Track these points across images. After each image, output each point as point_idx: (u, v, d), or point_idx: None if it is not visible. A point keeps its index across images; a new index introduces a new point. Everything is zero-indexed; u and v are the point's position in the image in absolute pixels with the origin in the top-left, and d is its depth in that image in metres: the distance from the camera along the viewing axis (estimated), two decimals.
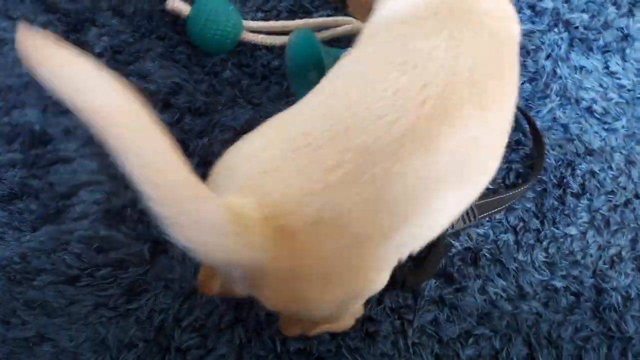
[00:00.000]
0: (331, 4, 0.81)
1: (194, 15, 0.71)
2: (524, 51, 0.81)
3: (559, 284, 0.68)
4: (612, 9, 0.85)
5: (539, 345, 0.65)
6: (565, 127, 0.77)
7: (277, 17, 0.79)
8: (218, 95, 0.74)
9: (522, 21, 0.82)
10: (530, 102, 0.78)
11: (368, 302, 0.64)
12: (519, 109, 0.75)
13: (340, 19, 0.77)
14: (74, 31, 0.74)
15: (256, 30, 0.76)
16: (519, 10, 0.83)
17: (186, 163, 0.35)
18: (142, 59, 0.74)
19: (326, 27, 0.77)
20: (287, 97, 0.75)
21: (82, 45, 0.73)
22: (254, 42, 0.76)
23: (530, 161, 0.75)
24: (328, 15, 0.79)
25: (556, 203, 0.73)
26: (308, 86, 0.73)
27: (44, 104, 0.70)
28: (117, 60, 0.73)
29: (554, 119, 0.77)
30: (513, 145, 0.75)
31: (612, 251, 0.71)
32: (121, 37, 0.75)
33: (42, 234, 0.65)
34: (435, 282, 0.67)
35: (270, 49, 0.77)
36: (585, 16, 0.84)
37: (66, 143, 0.69)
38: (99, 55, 0.73)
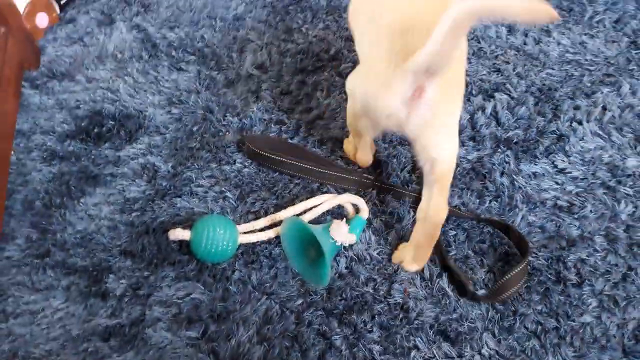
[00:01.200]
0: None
1: (195, 240, 0.82)
2: (481, 175, 0.92)
3: None
4: (539, 119, 0.99)
5: None
6: (542, 227, 0.86)
7: (266, 213, 0.90)
8: (234, 296, 0.81)
9: (468, 152, 0.95)
10: (502, 216, 0.87)
11: None
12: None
13: (316, 199, 0.88)
14: (95, 284, 0.83)
15: (251, 231, 0.86)
16: (463, 143, 0.96)
17: None
18: (160, 287, 0.82)
19: (309, 209, 0.88)
20: (294, 277, 0.82)
21: (104, 294, 0.82)
22: (253, 242, 0.85)
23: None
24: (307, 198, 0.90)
25: (562, 298, 0.78)
26: (310, 263, 0.82)
27: None
28: (138, 295, 0.81)
29: (530, 224, 0.86)
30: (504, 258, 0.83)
31: (631, 326, 0.75)
32: (137, 274, 0.84)
33: None
34: None
35: (268, 241, 0.86)
36: (519, 131, 0.97)
37: None
38: (120, 298, 0.81)
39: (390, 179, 0.93)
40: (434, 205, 0.75)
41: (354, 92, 0.77)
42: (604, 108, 0.99)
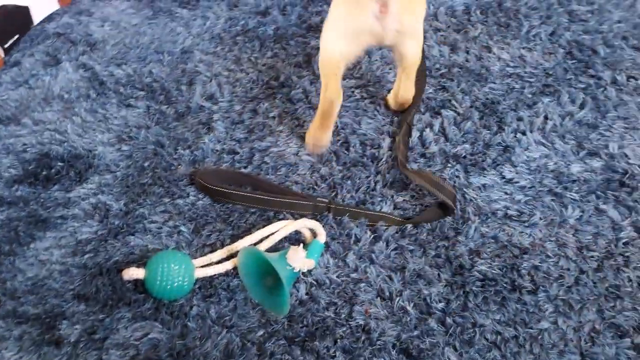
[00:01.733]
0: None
1: (149, 278, 0.80)
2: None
3: None
4: (485, 132, 1.02)
5: None
6: (494, 238, 0.87)
7: (222, 245, 0.89)
8: (194, 332, 0.79)
9: (420, 169, 0.97)
10: (457, 230, 0.88)
11: None
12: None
13: (273, 226, 0.88)
14: (48, 331, 0.80)
15: (207, 264, 0.85)
16: (415, 160, 0.98)
17: None
18: (117, 330, 0.80)
19: (266, 237, 0.87)
20: (254, 307, 0.81)
21: (58, 341, 0.79)
22: (210, 275, 0.84)
23: None
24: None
25: (519, 306, 0.79)
26: (270, 292, 0.81)
27: None
28: (94, 340, 0.79)
29: (483, 235, 0.87)
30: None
31: (587, 328, 0.77)
32: (92, 318, 0.81)
33: None
34: None
35: (225, 273, 0.85)
36: (467, 145, 1.00)
37: None
38: (75, 344, 0.78)
39: (345, 201, 0.94)
40: (403, 87, 1.01)
41: (338, 17, 0.94)
42: (546, 117, 1.03)
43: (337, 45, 0.94)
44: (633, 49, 1.16)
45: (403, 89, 1.01)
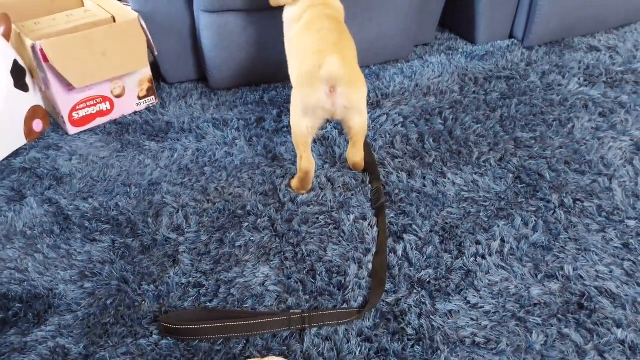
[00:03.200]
0: None
1: None
2: (399, 319, 0.94)
3: None
4: (447, 256, 1.05)
5: None
6: None
7: None
8: None
9: (388, 294, 0.97)
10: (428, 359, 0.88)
11: None
12: None
13: None
14: None
15: None
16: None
17: None
18: None
19: None
20: None
21: None
22: None
23: None
24: None
25: None
26: None
27: None
28: None
29: None
30: None
31: None
32: None
33: None
34: None
35: None
36: (430, 270, 1.02)
37: None
38: None
39: (313, 332, 0.93)
40: (352, 152, 1.23)
41: (299, 98, 1.15)
42: (503, 240, 1.08)
43: (303, 122, 1.15)
44: (576, 173, 1.25)
45: (352, 154, 1.24)
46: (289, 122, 1.20)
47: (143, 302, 0.98)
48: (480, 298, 0.97)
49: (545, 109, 1.49)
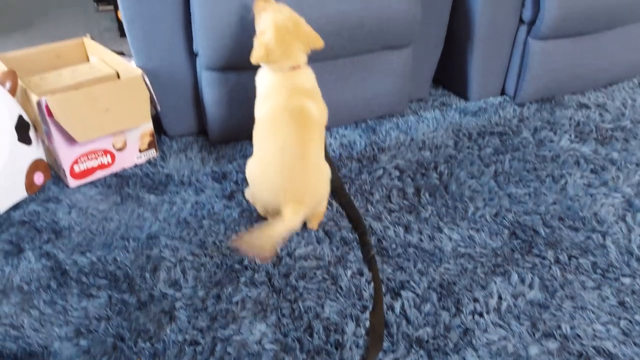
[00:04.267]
0: None
1: None
2: None
3: None
4: (444, 314, 1.05)
5: None
6: None
7: None
8: None
9: (386, 354, 0.97)
10: None
11: None
12: None
13: None
14: None
15: None
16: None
17: None
18: None
19: None
20: None
21: None
22: None
23: None
24: None
25: None
26: None
27: None
28: None
29: None
30: None
31: None
32: None
33: None
34: None
35: None
36: (429, 329, 1.02)
37: None
38: None
39: None
40: (312, 224, 1.30)
41: (259, 199, 1.27)
42: (500, 297, 1.08)
43: (260, 206, 1.30)
44: (570, 229, 1.26)
45: (311, 225, 1.31)
46: None
47: None
48: (479, 357, 0.97)
49: (538, 165, 1.53)
